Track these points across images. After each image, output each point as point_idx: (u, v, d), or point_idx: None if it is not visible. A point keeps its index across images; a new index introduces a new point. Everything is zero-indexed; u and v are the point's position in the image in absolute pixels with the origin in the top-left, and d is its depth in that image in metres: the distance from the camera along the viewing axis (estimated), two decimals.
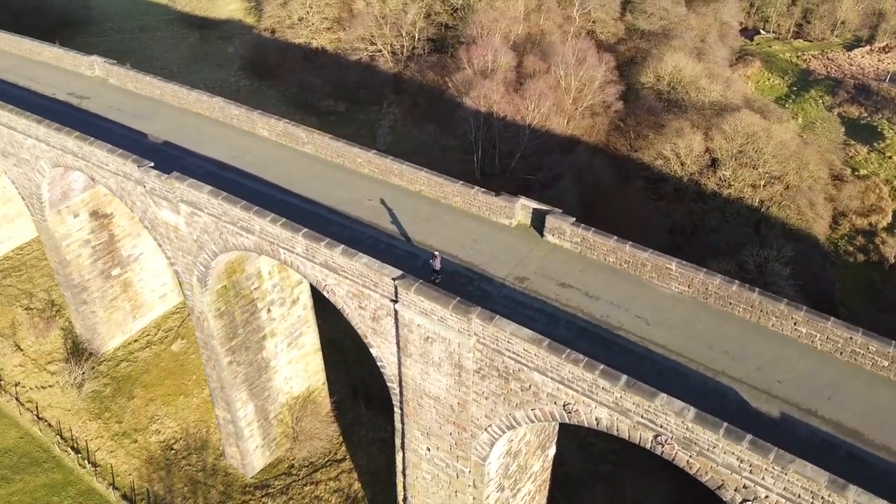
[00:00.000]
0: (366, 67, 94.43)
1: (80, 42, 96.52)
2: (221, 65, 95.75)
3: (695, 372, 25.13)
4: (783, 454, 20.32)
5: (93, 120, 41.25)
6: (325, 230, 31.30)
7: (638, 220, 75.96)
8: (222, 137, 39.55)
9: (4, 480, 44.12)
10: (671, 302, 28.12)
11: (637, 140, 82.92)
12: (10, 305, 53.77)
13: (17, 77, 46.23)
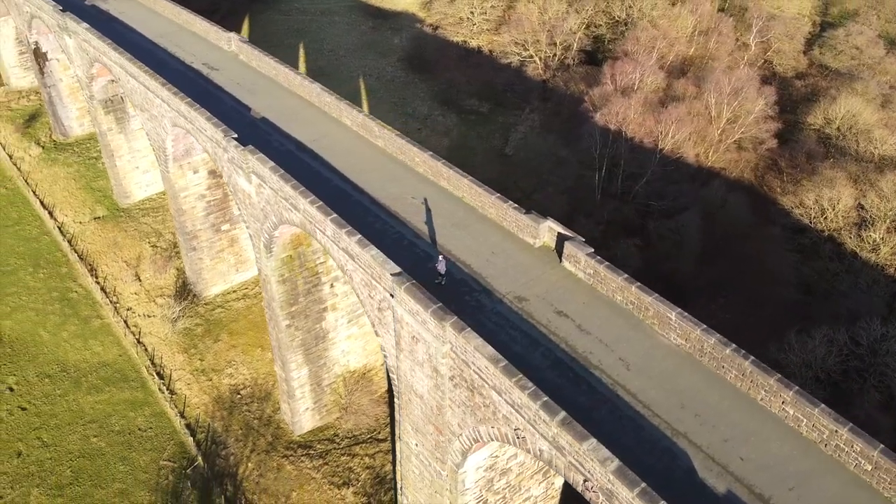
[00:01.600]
0: (516, 72, 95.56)
1: (266, 18, 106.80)
2: (384, 54, 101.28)
3: (654, 427, 24.06)
4: None
5: (212, 89, 46.36)
6: (360, 219, 33.34)
7: (765, 269, 71.03)
8: (311, 121, 42.80)
9: (96, 389, 51.18)
10: (664, 352, 26.91)
11: (784, 184, 76.98)
12: (141, 240, 61.68)
13: (168, 43, 52.95)
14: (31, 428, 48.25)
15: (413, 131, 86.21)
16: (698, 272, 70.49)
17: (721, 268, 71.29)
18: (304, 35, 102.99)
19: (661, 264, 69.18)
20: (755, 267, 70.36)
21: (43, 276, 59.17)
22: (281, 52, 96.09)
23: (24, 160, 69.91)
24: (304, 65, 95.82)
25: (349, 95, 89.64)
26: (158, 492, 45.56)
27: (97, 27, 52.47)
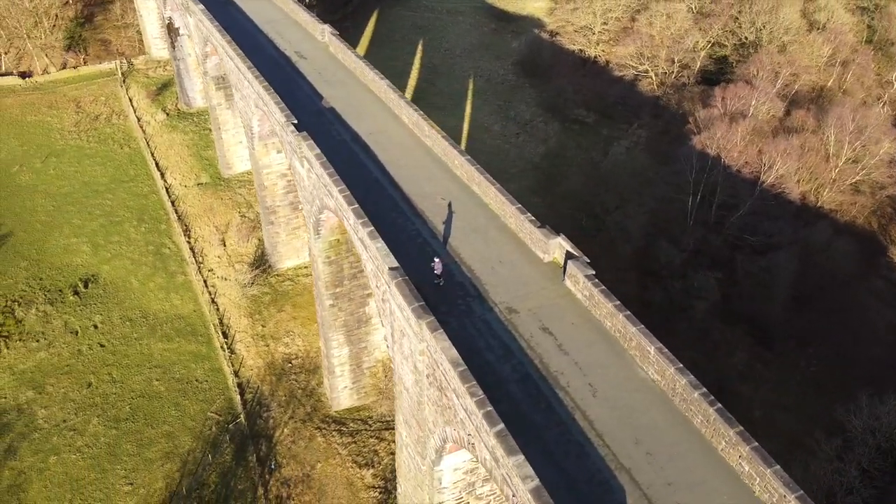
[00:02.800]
0: (629, 85, 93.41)
1: (394, 13, 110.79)
2: (500, 57, 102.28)
3: (600, 457, 23.70)
4: None
5: (295, 76, 49.47)
6: (385, 213, 34.84)
7: (863, 324, 66.13)
8: (372, 114, 44.71)
9: (167, 338, 56.17)
10: (636, 385, 26.29)
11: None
12: (233, 209, 66.64)
13: (271, 30, 56.88)
14: (104, 364, 53.82)
15: (511, 135, 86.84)
16: (787, 317, 66.35)
17: (813, 316, 66.61)
18: (426, 32, 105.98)
19: (745, 302, 65.75)
20: (851, 321, 65.34)
21: (144, 230, 65.48)
22: (400, 47, 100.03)
23: (149, 124, 77.40)
24: (419, 61, 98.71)
25: (456, 94, 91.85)
26: (200, 440, 49.46)
27: (213, 9, 57.29)
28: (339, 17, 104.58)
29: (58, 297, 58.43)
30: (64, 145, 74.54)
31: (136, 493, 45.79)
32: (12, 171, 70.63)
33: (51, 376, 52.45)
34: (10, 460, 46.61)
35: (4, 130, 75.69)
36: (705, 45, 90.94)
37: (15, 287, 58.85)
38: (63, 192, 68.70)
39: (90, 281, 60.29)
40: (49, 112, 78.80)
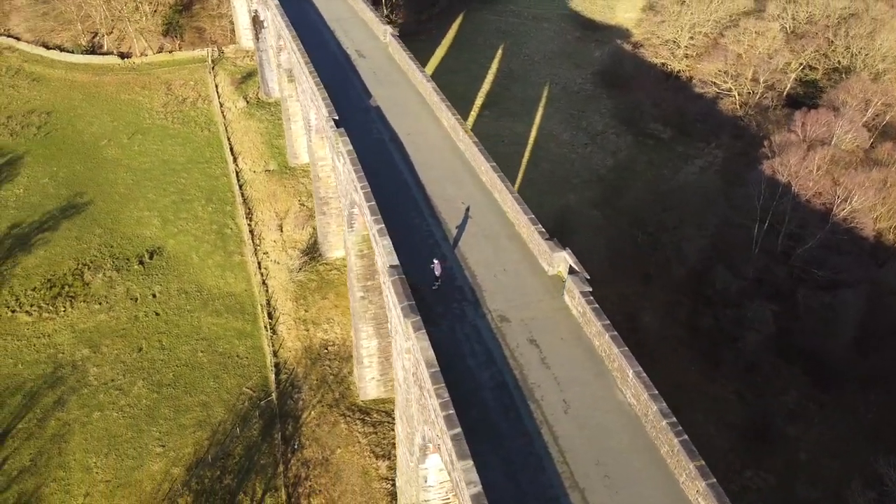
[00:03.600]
0: (710, 103, 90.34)
1: (479, 17, 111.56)
2: (580, 65, 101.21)
3: (556, 473, 23.67)
4: None
5: (351, 74, 51.12)
6: (403, 212, 35.73)
7: None
8: (415, 116, 45.67)
9: (216, 313, 59.24)
10: (611, 406, 25.98)
11: None
12: (293, 197, 69.37)
13: (337, 27, 58.92)
14: (156, 331, 57.39)
15: (579, 145, 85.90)
16: (849, 359, 62.71)
17: (878, 361, 62.65)
18: (508, 37, 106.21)
19: (804, 339, 62.63)
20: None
21: (211, 209, 69.21)
22: (480, 51, 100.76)
23: (230, 110, 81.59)
24: (497, 65, 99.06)
25: (529, 101, 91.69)
26: (232, 412, 52.00)
27: (289, 5, 59.94)
28: (424, 18, 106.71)
29: (124, 265, 62.70)
30: (150, 124, 79.70)
31: (166, 455, 48.69)
32: (101, 144, 76.23)
33: (107, 338, 56.42)
34: (58, 411, 50.58)
35: (99, 106, 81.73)
36: (796, 66, 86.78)
37: (88, 252, 63.60)
38: (143, 168, 73.53)
39: (155, 253, 64.35)
40: (141, 92, 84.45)
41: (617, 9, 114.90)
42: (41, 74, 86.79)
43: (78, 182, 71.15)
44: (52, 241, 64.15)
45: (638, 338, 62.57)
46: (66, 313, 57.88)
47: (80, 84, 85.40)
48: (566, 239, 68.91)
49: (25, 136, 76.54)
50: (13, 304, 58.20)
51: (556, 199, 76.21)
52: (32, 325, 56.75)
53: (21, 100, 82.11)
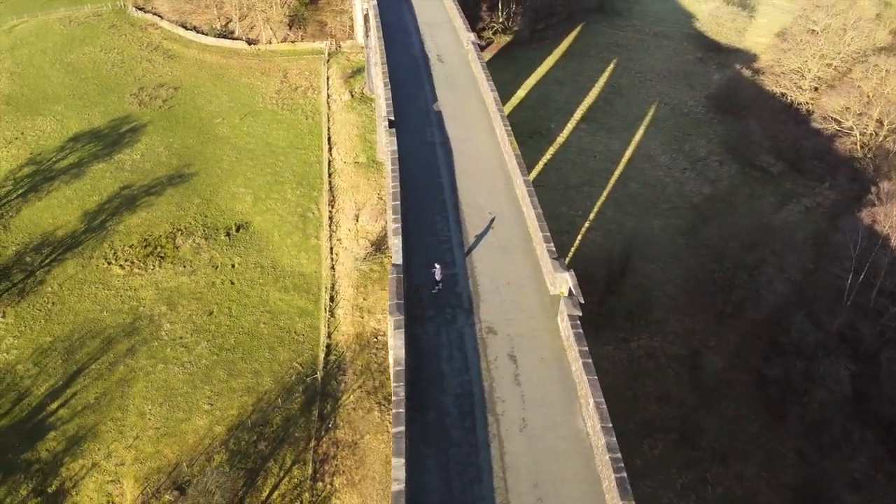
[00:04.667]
0: (828, 140, 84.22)
1: (598, 29, 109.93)
2: (694, 87, 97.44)
3: (491, 489, 23.97)
4: None
5: (424, 78, 52.72)
6: (429, 217, 36.88)
7: None
8: (471, 123, 46.50)
9: (284, 290, 62.91)
10: (568, 432, 25.83)
11: None
12: (374, 190, 72.06)
13: (427, 31, 60.72)
14: (228, 299, 61.82)
15: (677, 169, 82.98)
16: None
17: None
18: (623, 51, 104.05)
19: (882, 404, 57.61)
20: None
21: (299, 193, 73.34)
22: (591, 63, 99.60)
23: (335, 102, 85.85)
24: (605, 79, 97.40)
25: (632, 118, 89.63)
26: (279, 384, 55.20)
27: (387, 6, 62.50)
28: (541, 27, 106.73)
29: (213, 235, 67.89)
30: (262, 108, 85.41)
31: (212, 413, 52.57)
32: (215, 122, 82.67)
33: (184, 298, 61.49)
34: (129, 358, 55.86)
35: (221, 87, 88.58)
36: None
37: (184, 218, 69.42)
38: (248, 148, 79.04)
39: (242, 227, 69.17)
40: (260, 77, 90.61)
41: (747, 32, 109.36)
42: (176, 52, 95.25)
43: (188, 154, 77.68)
44: (154, 205, 70.58)
45: (698, 376, 60.26)
46: (153, 271, 63.61)
47: (209, 64, 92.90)
48: (639, 264, 67.61)
49: (152, 107, 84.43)
50: (111, 256, 64.73)
51: (638, 222, 74.23)
52: (123, 278, 62.88)
53: (154, 73, 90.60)
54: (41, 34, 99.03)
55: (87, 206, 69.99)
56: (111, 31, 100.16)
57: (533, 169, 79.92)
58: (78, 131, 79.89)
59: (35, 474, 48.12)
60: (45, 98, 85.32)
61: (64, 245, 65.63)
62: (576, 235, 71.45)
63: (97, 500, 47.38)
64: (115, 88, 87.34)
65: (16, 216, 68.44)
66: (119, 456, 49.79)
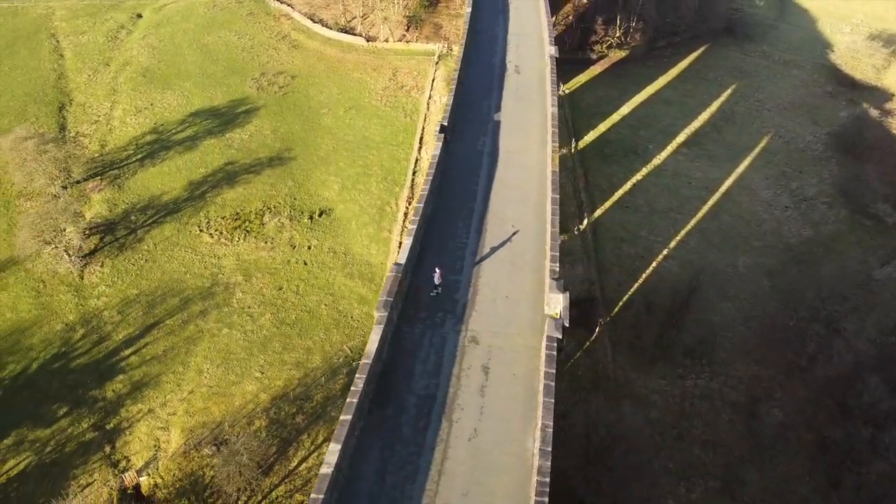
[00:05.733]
0: None
1: (722, 52, 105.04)
2: (816, 122, 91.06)
3: (422, 489, 24.78)
4: None
5: (496, 86, 53.56)
6: (451, 221, 37.91)
7: None
8: (526, 135, 46.81)
9: (350, 276, 65.72)
10: (516, 450, 26.11)
11: None
12: None
13: (513, 40, 61.80)
14: (298, 277, 65.57)
15: (778, 207, 78.29)
16: None
17: None
18: (744, 77, 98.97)
19: None
20: None
21: (382, 187, 76.19)
22: (706, 86, 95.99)
23: (435, 103, 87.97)
24: (718, 104, 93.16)
25: (738, 148, 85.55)
26: (326, 363, 58.06)
27: (481, 13, 63.76)
28: (661, 45, 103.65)
29: (297, 217, 72.13)
30: (366, 103, 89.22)
31: (261, 381, 56.24)
32: (321, 112, 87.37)
33: (259, 272, 65.91)
34: (200, 319, 60.81)
35: (333, 79, 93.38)
36: None
37: (275, 198, 74.21)
38: (345, 139, 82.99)
39: (325, 212, 72.95)
40: (370, 73, 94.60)
41: (887, 70, 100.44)
42: (301, 42, 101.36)
43: (291, 139, 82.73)
44: (252, 183, 75.93)
45: (754, 427, 57.20)
46: (237, 243, 68.62)
47: (327, 57, 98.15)
48: (713, 302, 64.56)
49: (268, 92, 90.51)
50: (203, 225, 70.49)
51: (722, 257, 70.90)
52: (210, 245, 68.34)
53: (277, 61, 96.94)
54: (186, 15, 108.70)
55: (193, 176, 76.48)
56: (248, 17, 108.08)
57: (618, 189, 78.32)
58: (199, 108, 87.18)
59: (98, 411, 53.76)
60: (177, 74, 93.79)
61: (166, 209, 72.20)
62: (650, 262, 69.36)
63: (146, 442, 52.23)
64: (240, 72, 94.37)
65: (130, 178, 76.07)
66: (173, 406, 54.50)
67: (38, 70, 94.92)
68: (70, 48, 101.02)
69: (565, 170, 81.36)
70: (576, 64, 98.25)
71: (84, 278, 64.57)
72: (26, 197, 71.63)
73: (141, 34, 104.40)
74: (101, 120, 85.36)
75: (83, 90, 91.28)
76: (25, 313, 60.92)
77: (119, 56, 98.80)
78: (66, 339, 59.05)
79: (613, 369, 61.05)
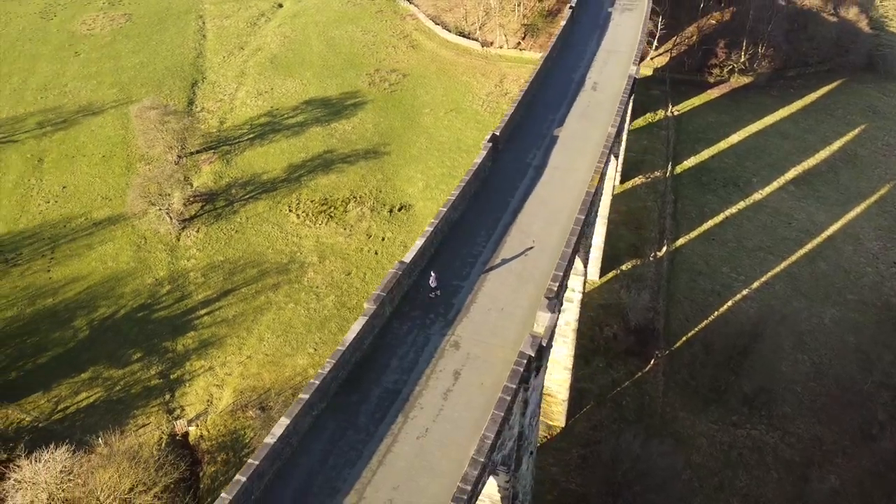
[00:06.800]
0: None
1: (856, 88, 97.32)
2: None
3: (359, 476, 26.01)
4: None
5: (565, 103, 53.24)
6: (474, 229, 38.87)
7: None
8: (578, 154, 46.43)
9: None
10: (458, 456, 26.59)
11: None
12: None
13: (602, 57, 60.64)
14: (367, 266, 68.49)
15: (884, 261, 72.20)
16: None
17: None
18: (877, 118, 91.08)
19: None
20: None
21: None
22: (829, 123, 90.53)
23: None
24: (840, 143, 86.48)
25: (853, 191, 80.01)
26: None
27: (583, 27, 63.87)
28: (790, 74, 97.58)
29: (378, 208, 75.31)
30: (467, 107, 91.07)
31: (312, 357, 59.63)
32: (423, 111, 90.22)
33: (333, 255, 69.59)
34: (271, 292, 65.18)
35: (441, 81, 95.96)
36: None
37: (362, 188, 77.80)
38: (439, 140, 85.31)
39: (404, 208, 75.64)
40: (478, 78, 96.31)
41: None
42: (419, 43, 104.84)
43: (390, 134, 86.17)
44: (344, 172, 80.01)
45: (804, 491, 53.81)
46: (319, 227, 72.75)
47: (441, 59, 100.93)
48: (788, 352, 60.52)
49: (379, 88, 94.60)
50: (293, 205, 75.27)
51: (809, 306, 66.37)
52: (295, 226, 72.91)
53: (393, 59, 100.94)
54: (321, 8, 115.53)
55: (293, 160, 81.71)
56: (376, 15, 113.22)
57: (708, 220, 75.12)
58: (313, 96, 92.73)
59: (166, 361, 59.28)
60: (300, 63, 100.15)
61: (263, 187, 77.77)
62: (725, 300, 66.23)
63: (201, 396, 57.01)
64: (357, 66, 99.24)
65: (239, 155, 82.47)
66: (230, 367, 59.07)
67: (182, 47, 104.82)
68: (213, 30, 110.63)
69: (654, 193, 79.13)
70: (692, 86, 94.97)
71: (180, 240, 71.10)
72: (146, 161, 79.75)
73: (277, 23, 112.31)
74: (225, 99, 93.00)
75: (216, 70, 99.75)
76: (124, 265, 68.07)
77: (253, 41, 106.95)
78: (154, 293, 65.38)
79: (662, 404, 59.14)
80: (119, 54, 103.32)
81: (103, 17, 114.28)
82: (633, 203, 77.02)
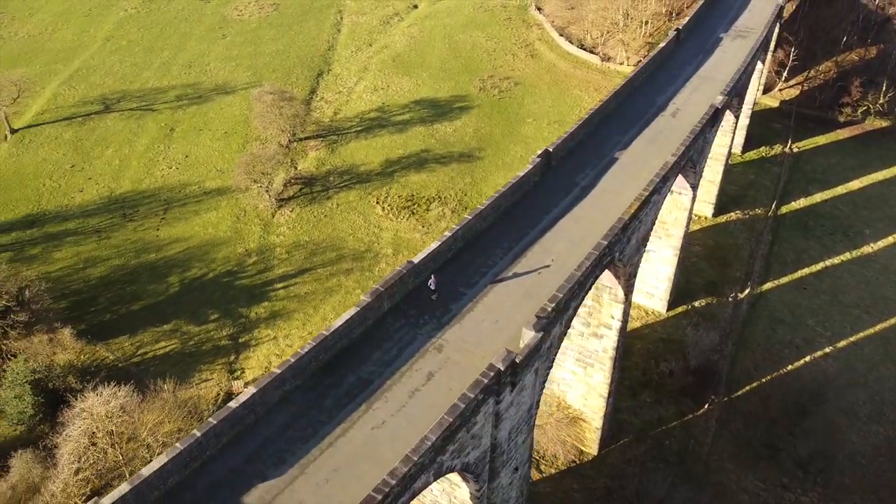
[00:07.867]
0: None
1: None
2: None
3: (306, 449, 27.80)
4: None
5: (637, 126, 52.12)
6: (496, 241, 39.51)
7: None
8: (632, 178, 45.35)
9: None
10: (405, 450, 27.78)
11: None
12: None
13: (695, 81, 58.64)
14: None
15: None
16: None
17: None
18: None
19: None
20: None
21: None
22: None
23: None
24: None
25: None
26: None
27: (691, 47, 62.58)
28: None
29: (459, 210, 77.01)
30: (571, 120, 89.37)
31: None
32: (526, 120, 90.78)
33: (407, 250, 72.07)
34: (343, 276, 68.76)
35: (552, 92, 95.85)
36: None
37: (448, 190, 79.81)
38: (535, 150, 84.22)
39: None
40: (590, 92, 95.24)
41: None
42: (539, 53, 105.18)
43: (487, 140, 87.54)
44: (436, 172, 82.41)
45: None
46: (399, 221, 75.62)
47: (557, 70, 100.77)
48: (862, 422, 56.00)
49: (488, 94, 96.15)
50: (381, 198, 78.66)
51: None
52: (378, 217, 76.25)
53: (509, 67, 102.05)
54: (453, 11, 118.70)
55: (390, 155, 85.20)
56: (504, 22, 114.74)
57: (804, 267, 70.16)
58: (424, 97, 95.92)
59: (238, 325, 64.34)
60: (420, 63, 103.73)
61: (358, 178, 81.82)
62: (803, 354, 61.89)
63: (261, 361, 61.45)
64: (472, 71, 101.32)
65: (343, 146, 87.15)
66: (292, 340, 63.19)
67: (316, 39, 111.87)
68: (348, 25, 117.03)
69: (749, 231, 74.80)
70: (819, 123, 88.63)
71: (274, 217, 76.56)
72: (261, 141, 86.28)
73: (408, 23, 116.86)
74: (344, 91, 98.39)
75: (342, 63, 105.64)
76: (222, 233, 74.36)
77: (382, 39, 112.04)
78: (241, 262, 71.00)
79: (709, 452, 56.37)
80: (260, 40, 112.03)
81: (254, 4, 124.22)
82: (722, 238, 73.39)
